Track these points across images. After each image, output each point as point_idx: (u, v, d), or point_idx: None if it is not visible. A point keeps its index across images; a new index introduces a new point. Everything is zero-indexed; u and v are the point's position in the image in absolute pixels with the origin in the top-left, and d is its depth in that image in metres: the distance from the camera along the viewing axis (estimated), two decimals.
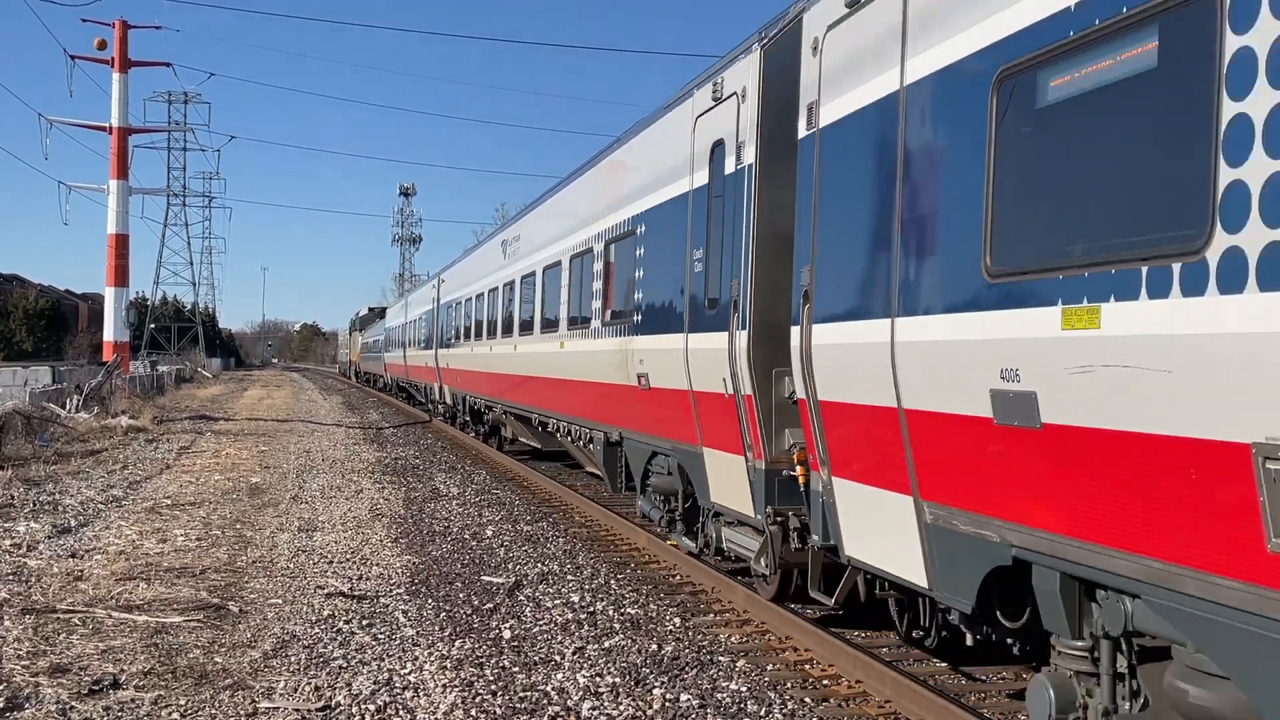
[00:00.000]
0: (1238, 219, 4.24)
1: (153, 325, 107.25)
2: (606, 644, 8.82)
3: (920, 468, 6.57)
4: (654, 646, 8.76)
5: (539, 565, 11.94)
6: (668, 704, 7.36)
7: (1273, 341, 4.06)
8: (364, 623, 9.24)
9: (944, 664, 8.46)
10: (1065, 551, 5.36)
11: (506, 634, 9.03)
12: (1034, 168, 5.46)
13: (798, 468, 8.56)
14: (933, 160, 6.36)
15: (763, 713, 7.26)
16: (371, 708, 7.10)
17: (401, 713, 7.04)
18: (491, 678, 7.82)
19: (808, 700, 7.53)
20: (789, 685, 7.85)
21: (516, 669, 8.06)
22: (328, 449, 24.82)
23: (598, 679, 7.86)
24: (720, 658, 8.49)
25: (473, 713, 7.07)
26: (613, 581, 11.22)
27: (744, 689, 7.72)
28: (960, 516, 6.23)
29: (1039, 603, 5.85)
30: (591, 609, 9.99)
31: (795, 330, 8.07)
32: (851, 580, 8.22)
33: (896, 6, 6.72)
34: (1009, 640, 6.85)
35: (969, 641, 7.24)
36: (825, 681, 7.97)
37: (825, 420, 7.71)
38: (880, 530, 7.21)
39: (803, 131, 8.11)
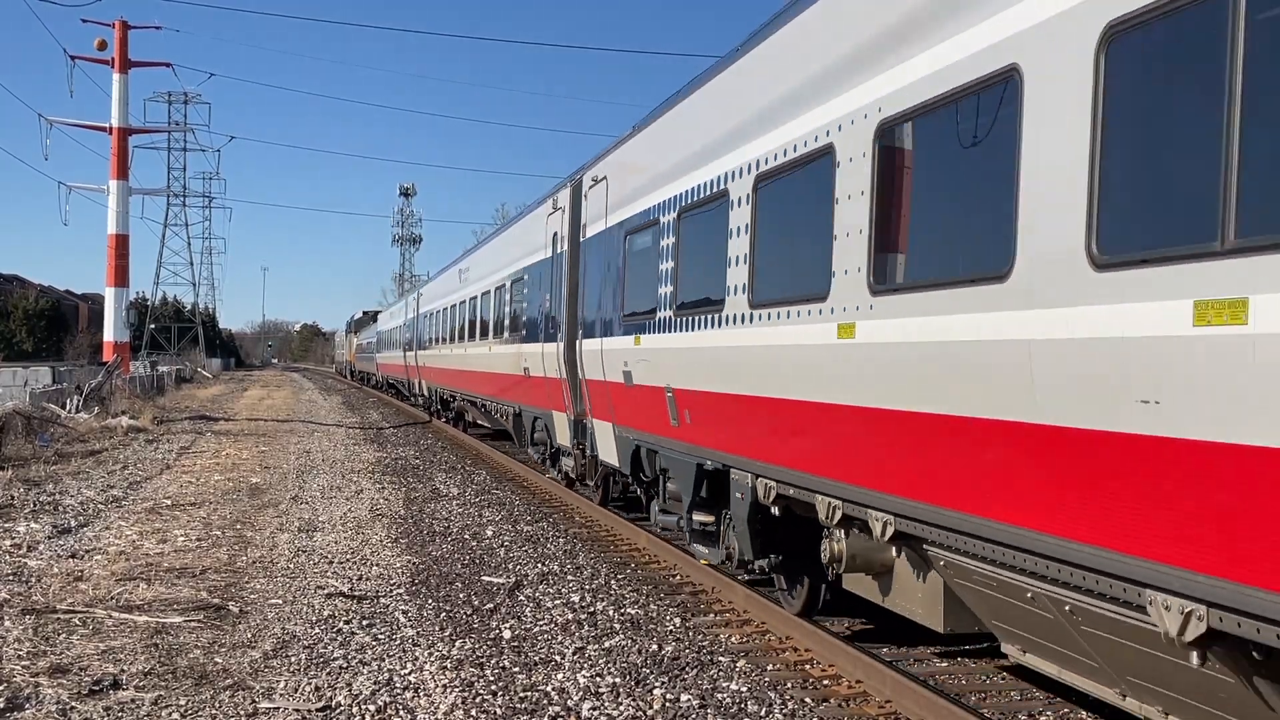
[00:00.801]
0: (665, 308, 10.91)
1: (153, 325, 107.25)
2: (607, 644, 8.82)
3: (615, 409, 13.15)
4: (654, 646, 8.77)
5: (539, 565, 11.95)
6: (668, 704, 7.36)
7: (664, 353, 10.79)
8: (364, 623, 9.24)
9: (944, 664, 8.48)
10: (643, 438, 12.16)
11: (507, 634, 9.03)
12: (630, 275, 12.31)
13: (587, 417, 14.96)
14: (613, 264, 13.06)
15: (763, 713, 7.26)
16: (372, 708, 7.10)
17: (402, 713, 7.04)
18: (492, 678, 7.82)
19: (808, 700, 7.53)
20: (789, 685, 7.85)
21: (517, 669, 8.06)
22: (328, 449, 24.83)
23: (598, 679, 7.86)
24: (720, 658, 8.49)
25: (473, 713, 7.07)
26: (613, 582, 11.23)
27: (744, 689, 7.72)
28: (624, 430, 12.91)
29: (643, 463, 12.48)
30: (592, 609, 10.00)
31: (577, 342, 14.80)
32: (603, 471, 15.31)
33: (603, 196, 13.72)
34: (645, 492, 13.31)
35: (638, 491, 13.81)
36: (825, 681, 7.98)
37: (589, 390, 14.42)
38: (605, 442, 14.02)
39: (582, 239, 15.07)
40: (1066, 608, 5.78)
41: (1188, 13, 4.67)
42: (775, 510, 8.85)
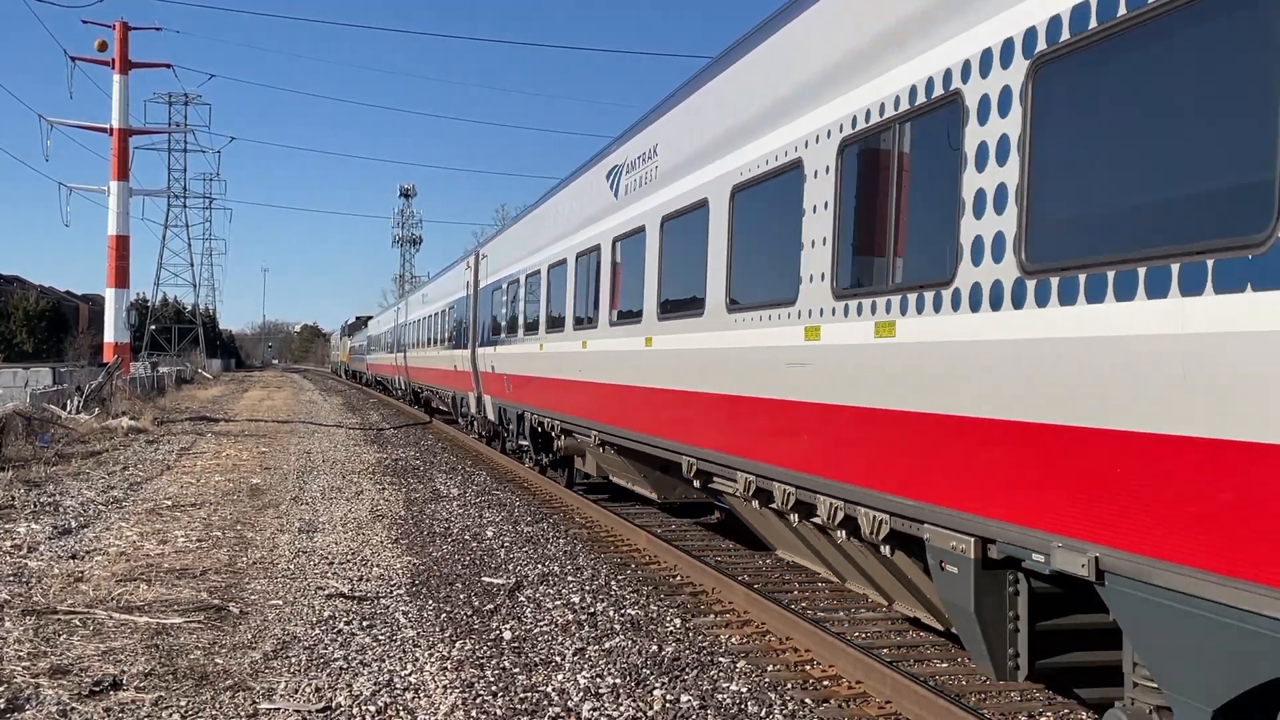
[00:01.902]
0: (504, 331, 21.89)
1: (153, 326, 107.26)
2: (607, 645, 8.82)
3: (491, 387, 23.15)
4: (654, 647, 8.77)
5: (539, 566, 11.95)
6: (668, 705, 7.36)
7: (505, 355, 21.29)
8: (364, 624, 9.24)
9: (944, 664, 8.48)
10: (502, 403, 22.08)
11: (507, 635, 9.03)
12: (494, 311, 23.05)
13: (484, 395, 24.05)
14: (489, 305, 23.83)
15: (763, 713, 7.26)
16: (372, 709, 7.10)
17: (402, 714, 7.04)
18: (492, 679, 7.82)
19: (808, 701, 7.53)
20: (789, 686, 7.85)
21: (517, 670, 8.07)
22: (328, 450, 24.84)
23: (598, 680, 7.86)
24: (721, 658, 8.49)
25: (473, 713, 7.07)
26: (613, 582, 11.23)
27: (744, 690, 7.72)
28: (495, 399, 22.94)
29: (518, 423, 20.48)
30: (592, 610, 10.00)
31: (477, 349, 24.70)
32: (494, 430, 24.25)
33: (487, 265, 24.79)
34: (505, 433, 22.67)
35: (504, 435, 23.16)
36: (825, 682, 7.98)
37: (481, 377, 24.32)
38: (490, 408, 23.66)
39: (479, 288, 25.44)
40: (578, 436, 14.91)
41: None
42: (540, 430, 18.41)
